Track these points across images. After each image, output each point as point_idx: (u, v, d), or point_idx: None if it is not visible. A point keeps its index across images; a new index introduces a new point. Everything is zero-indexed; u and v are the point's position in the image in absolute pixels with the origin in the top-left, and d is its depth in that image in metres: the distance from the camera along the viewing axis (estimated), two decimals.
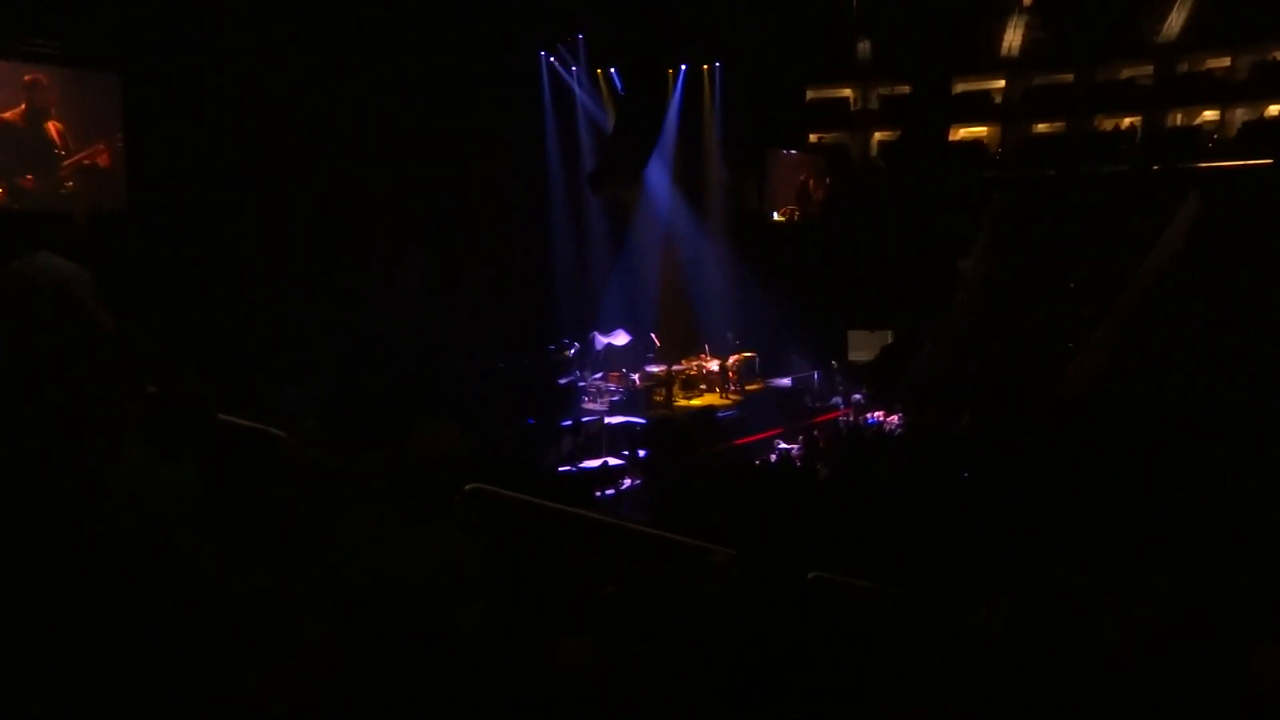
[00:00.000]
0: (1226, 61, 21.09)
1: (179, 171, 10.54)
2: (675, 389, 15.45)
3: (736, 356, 16.18)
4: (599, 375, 15.57)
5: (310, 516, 3.12)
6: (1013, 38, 22.18)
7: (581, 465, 12.06)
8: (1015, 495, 7.59)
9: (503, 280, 15.17)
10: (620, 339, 16.17)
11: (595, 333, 15.98)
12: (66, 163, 10.32)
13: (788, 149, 19.96)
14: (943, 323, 18.12)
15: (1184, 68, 21.35)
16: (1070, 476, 8.19)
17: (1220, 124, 21.13)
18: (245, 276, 11.29)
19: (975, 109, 22.92)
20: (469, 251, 14.81)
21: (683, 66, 17.32)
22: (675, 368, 15.89)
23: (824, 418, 15.07)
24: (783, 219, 19.10)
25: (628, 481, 11.68)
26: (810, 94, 22.68)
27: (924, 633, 3.43)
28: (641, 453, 12.36)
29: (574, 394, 14.93)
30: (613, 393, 14.94)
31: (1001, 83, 22.60)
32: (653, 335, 16.32)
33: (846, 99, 23.41)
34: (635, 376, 15.42)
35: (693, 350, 16.60)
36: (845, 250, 19.15)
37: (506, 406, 12.60)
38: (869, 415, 14.58)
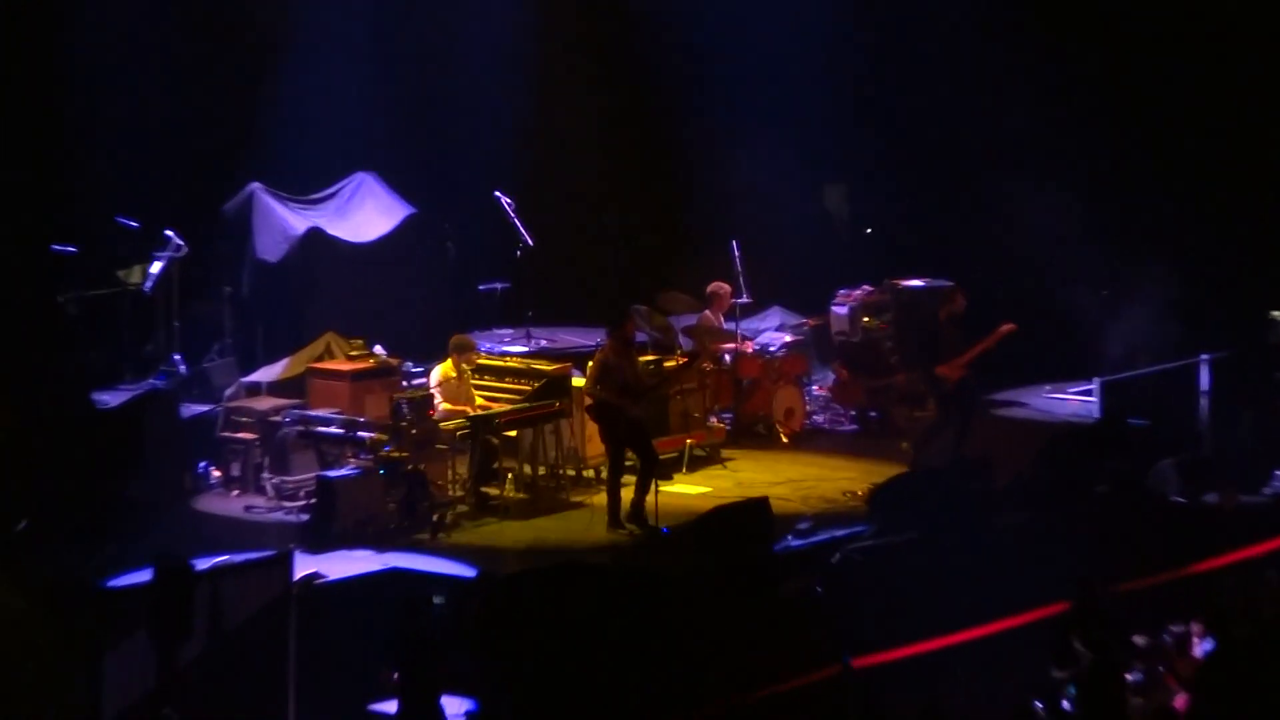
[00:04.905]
0: None
1: None
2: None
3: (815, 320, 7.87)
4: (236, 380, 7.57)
5: None
6: None
7: None
8: None
9: None
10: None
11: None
12: None
13: None
14: None
15: None
16: None
17: None
18: None
19: None
20: None
21: None
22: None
23: (1229, 558, 5.85)
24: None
25: None
26: None
27: None
28: (468, 709, 4.50)
29: (169, 457, 6.85)
30: (331, 446, 6.83)
31: None
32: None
33: None
34: (435, 389, 7.09)
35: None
36: None
37: None
38: None
